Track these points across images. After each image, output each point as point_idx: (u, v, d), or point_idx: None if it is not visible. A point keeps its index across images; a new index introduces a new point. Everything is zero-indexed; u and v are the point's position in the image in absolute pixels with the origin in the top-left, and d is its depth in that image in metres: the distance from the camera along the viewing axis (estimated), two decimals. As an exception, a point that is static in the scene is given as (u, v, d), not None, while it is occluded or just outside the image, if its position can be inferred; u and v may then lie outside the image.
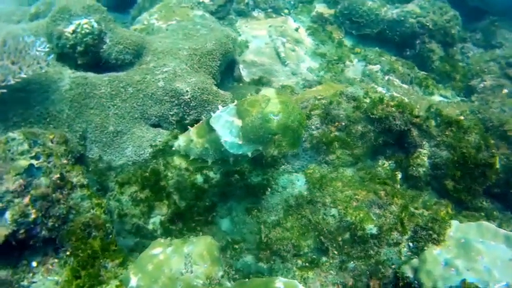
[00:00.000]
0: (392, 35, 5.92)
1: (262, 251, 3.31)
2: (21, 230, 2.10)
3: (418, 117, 3.80)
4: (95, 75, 3.85)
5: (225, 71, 4.93)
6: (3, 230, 2.11)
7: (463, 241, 2.63)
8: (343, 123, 3.80)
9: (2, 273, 2.28)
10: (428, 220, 2.95)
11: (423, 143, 3.76)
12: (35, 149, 2.49)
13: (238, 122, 2.85)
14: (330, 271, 3.17)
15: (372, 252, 3.21)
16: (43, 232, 2.22)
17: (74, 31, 3.90)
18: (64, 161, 2.54)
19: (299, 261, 3.26)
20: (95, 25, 3.94)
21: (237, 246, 3.34)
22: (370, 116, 3.75)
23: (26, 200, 2.18)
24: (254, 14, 6.15)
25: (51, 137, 2.69)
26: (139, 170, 3.67)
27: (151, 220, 3.45)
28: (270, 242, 3.31)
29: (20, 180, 2.20)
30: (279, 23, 6.09)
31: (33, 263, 2.42)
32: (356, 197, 3.41)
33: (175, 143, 3.26)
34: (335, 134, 3.80)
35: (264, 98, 2.92)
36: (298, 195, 3.51)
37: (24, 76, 2.93)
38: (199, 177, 3.73)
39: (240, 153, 2.90)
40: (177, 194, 3.62)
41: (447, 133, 3.68)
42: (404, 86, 4.77)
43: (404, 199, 3.44)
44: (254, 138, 2.85)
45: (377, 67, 5.00)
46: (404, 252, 3.19)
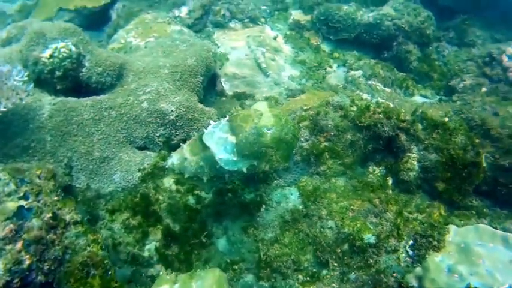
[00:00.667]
0: (369, 38, 6.00)
1: (262, 270, 3.26)
2: (16, 280, 1.99)
3: (404, 121, 3.84)
4: (76, 100, 3.73)
5: (207, 85, 4.87)
6: (-4, 281, 2.00)
7: (463, 246, 2.67)
8: (332, 133, 3.81)
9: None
10: (427, 227, 2.98)
11: (411, 147, 3.80)
12: (22, 188, 2.37)
13: (232, 139, 2.85)
14: (332, 284, 3.16)
15: (372, 261, 3.21)
16: (39, 277, 2.12)
17: (51, 56, 3.78)
18: (54, 197, 2.43)
19: (300, 276, 3.24)
20: (73, 48, 3.83)
21: (236, 267, 3.28)
22: (358, 124, 3.77)
23: (19, 246, 2.07)
24: (231, 25, 6.12)
25: (38, 172, 2.57)
26: (129, 196, 3.57)
27: (146, 247, 3.36)
28: (270, 259, 3.28)
29: (11, 225, 2.09)
30: (257, 33, 6.08)
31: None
32: (352, 207, 3.41)
33: (168, 161, 3.21)
34: (325, 144, 3.80)
35: (257, 112, 2.91)
36: (293, 210, 3.49)
37: (4, 110, 2.80)
38: (191, 198, 3.66)
39: (235, 169, 2.89)
40: (170, 218, 3.54)
41: (434, 136, 3.73)
42: (386, 89, 4.83)
43: (398, 205, 3.48)
44: (249, 154, 2.86)
45: (359, 72, 5.05)
46: (403, 258, 3.22)
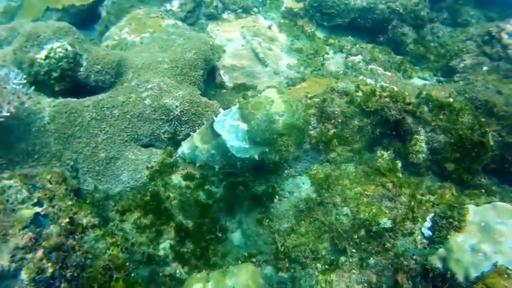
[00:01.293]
0: (364, 22, 5.96)
1: (280, 261, 3.24)
2: (41, 289, 1.92)
3: (410, 104, 3.83)
4: (76, 101, 3.62)
5: (207, 78, 4.79)
6: (23, 293, 1.92)
7: (483, 224, 2.68)
8: (340, 120, 3.77)
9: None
10: (446, 208, 2.98)
11: (419, 129, 3.79)
12: (35, 194, 2.29)
13: (244, 126, 2.85)
14: (352, 270, 3.15)
15: (389, 245, 3.21)
16: (62, 285, 2.05)
17: (46, 56, 3.66)
18: (69, 202, 2.35)
19: (318, 265, 3.22)
20: (69, 48, 3.71)
21: (254, 260, 3.25)
22: (365, 109, 3.74)
23: (40, 254, 2.00)
24: (224, 16, 6.01)
25: (49, 177, 2.49)
26: (138, 195, 3.50)
27: (161, 246, 3.30)
28: (287, 250, 3.25)
29: (29, 233, 2.01)
30: (251, 23, 5.99)
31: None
32: (366, 192, 3.40)
33: (178, 150, 3.17)
34: (333, 131, 3.76)
35: (268, 99, 2.90)
36: (307, 199, 3.46)
37: (6, 115, 2.69)
38: (201, 194, 3.60)
39: (247, 156, 2.89)
40: (182, 214, 3.48)
41: (441, 117, 3.73)
42: (387, 73, 4.81)
43: (410, 188, 3.47)
44: (260, 141, 2.86)
45: (359, 58, 5.02)
46: (419, 240, 3.22)
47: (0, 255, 1.94)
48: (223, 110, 4.07)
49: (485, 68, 4.54)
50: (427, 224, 3.28)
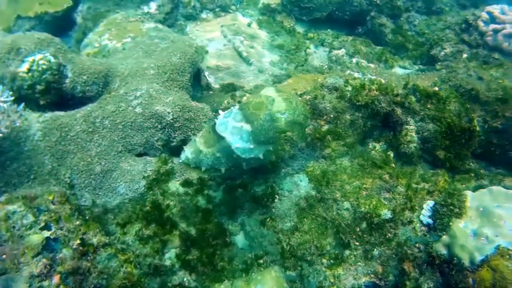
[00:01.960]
0: (342, 15, 6.03)
1: (287, 260, 3.28)
2: (62, 315, 1.88)
3: (398, 95, 3.91)
4: (65, 114, 3.52)
5: (193, 81, 4.74)
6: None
7: (482, 209, 2.79)
8: (332, 115, 3.83)
9: None
10: (445, 196, 3.08)
11: (408, 120, 3.89)
12: (41, 217, 2.23)
13: (247, 127, 2.88)
14: (358, 263, 3.22)
15: (390, 235, 3.30)
16: (82, 308, 2.01)
17: (29, 70, 3.53)
18: (76, 222, 2.30)
19: (324, 261, 3.28)
20: (52, 59, 3.59)
21: (261, 261, 3.27)
22: (356, 104, 3.80)
23: (57, 281, 1.95)
24: (203, 15, 5.95)
25: (51, 197, 2.42)
26: (137, 206, 3.45)
27: (166, 255, 3.27)
28: (293, 248, 3.29)
29: (43, 259, 1.96)
30: (230, 21, 5.96)
31: None
32: (364, 186, 3.47)
33: (181, 156, 3.13)
34: (326, 127, 3.81)
35: (268, 98, 2.93)
36: (307, 196, 3.50)
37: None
38: (201, 199, 3.59)
39: (252, 156, 2.92)
40: (185, 222, 3.46)
41: (429, 106, 3.84)
42: (371, 65, 4.90)
43: (406, 178, 3.57)
44: (264, 140, 2.90)
45: (342, 51, 5.07)
46: (418, 228, 3.32)
47: (15, 286, 1.88)
48: (214, 114, 4.08)
49: (465, 56, 4.69)
50: (424, 212, 3.38)
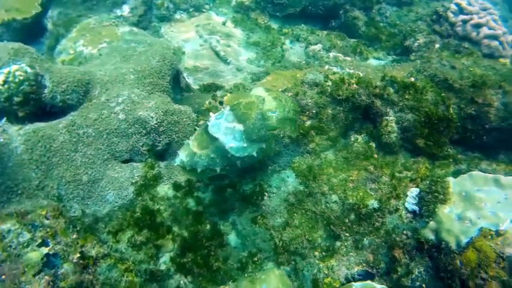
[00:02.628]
0: (315, 9, 6.11)
1: (280, 255, 3.34)
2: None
3: (376, 87, 4.03)
4: (47, 125, 3.45)
5: (172, 83, 4.71)
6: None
7: (464, 194, 2.93)
8: (314, 111, 3.90)
9: None
10: (430, 184, 3.21)
11: (388, 111, 4.01)
12: (37, 233, 2.20)
13: (240, 126, 2.97)
14: (350, 253, 3.32)
15: (378, 224, 3.42)
16: (87, 321, 2.01)
17: (5, 81, 3.44)
18: (74, 235, 2.28)
19: (316, 253, 3.37)
20: (29, 70, 3.51)
21: (256, 259, 3.33)
22: (337, 98, 3.89)
23: (60, 295, 1.94)
24: (177, 16, 5.90)
25: (44, 212, 2.39)
26: (128, 213, 3.44)
27: (161, 260, 3.28)
28: (286, 244, 3.36)
29: (45, 277, 1.94)
30: (205, 21, 5.94)
31: None
32: (350, 178, 3.57)
33: (176, 160, 3.14)
34: (309, 122, 3.89)
35: (259, 98, 3.01)
36: (295, 192, 3.57)
37: (-16, 153, 2.52)
38: (191, 201, 3.61)
39: (245, 154, 3.00)
40: (176, 225, 3.47)
41: (407, 97, 3.97)
42: (347, 58, 5.00)
43: (389, 167, 3.69)
44: (257, 138, 3.00)
45: (318, 46, 5.15)
46: (404, 215, 3.45)
47: (18, 305, 1.86)
48: (194, 115, 4.09)
49: (437, 46, 4.86)
50: (409, 199, 3.52)
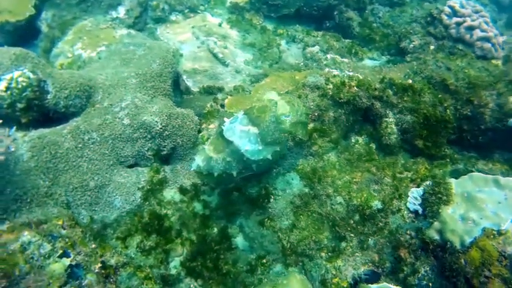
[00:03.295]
0: (310, 10, 6.16)
1: (288, 257, 3.41)
2: None
3: (376, 90, 4.12)
4: (51, 131, 3.42)
5: (172, 86, 4.71)
6: None
7: (466, 195, 3.04)
8: (316, 114, 3.97)
9: None
10: (433, 185, 3.32)
11: (387, 113, 4.11)
12: (57, 244, 2.21)
13: (254, 129, 3.04)
14: (356, 253, 3.41)
15: (382, 224, 3.51)
16: (112, 330, 2.03)
17: (7, 88, 3.39)
18: (92, 245, 2.29)
19: (323, 254, 3.44)
20: (31, 75, 3.46)
21: (264, 261, 3.39)
22: (339, 101, 3.97)
23: (86, 306, 1.96)
24: (172, 18, 5.88)
25: (60, 222, 2.40)
26: (136, 218, 3.45)
27: (171, 265, 3.31)
28: (293, 245, 3.43)
29: (71, 288, 1.96)
30: (200, 22, 5.93)
31: None
32: (354, 180, 3.65)
33: (192, 164, 3.20)
34: (311, 125, 3.95)
35: (271, 101, 3.08)
36: (301, 194, 3.63)
37: (-4, 164, 2.50)
38: (197, 205, 3.64)
39: (261, 157, 3.07)
40: (184, 229, 3.50)
41: (405, 99, 4.07)
42: (344, 60, 5.07)
43: (391, 168, 3.79)
44: (271, 141, 3.08)
45: (316, 48, 5.21)
46: (406, 215, 3.56)
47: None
48: (196, 118, 4.11)
49: (432, 47, 4.98)
50: (410, 199, 3.63)
